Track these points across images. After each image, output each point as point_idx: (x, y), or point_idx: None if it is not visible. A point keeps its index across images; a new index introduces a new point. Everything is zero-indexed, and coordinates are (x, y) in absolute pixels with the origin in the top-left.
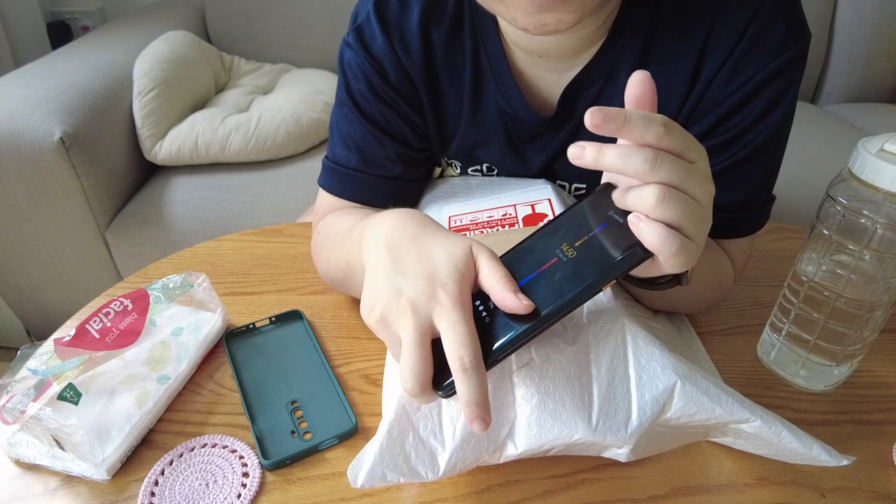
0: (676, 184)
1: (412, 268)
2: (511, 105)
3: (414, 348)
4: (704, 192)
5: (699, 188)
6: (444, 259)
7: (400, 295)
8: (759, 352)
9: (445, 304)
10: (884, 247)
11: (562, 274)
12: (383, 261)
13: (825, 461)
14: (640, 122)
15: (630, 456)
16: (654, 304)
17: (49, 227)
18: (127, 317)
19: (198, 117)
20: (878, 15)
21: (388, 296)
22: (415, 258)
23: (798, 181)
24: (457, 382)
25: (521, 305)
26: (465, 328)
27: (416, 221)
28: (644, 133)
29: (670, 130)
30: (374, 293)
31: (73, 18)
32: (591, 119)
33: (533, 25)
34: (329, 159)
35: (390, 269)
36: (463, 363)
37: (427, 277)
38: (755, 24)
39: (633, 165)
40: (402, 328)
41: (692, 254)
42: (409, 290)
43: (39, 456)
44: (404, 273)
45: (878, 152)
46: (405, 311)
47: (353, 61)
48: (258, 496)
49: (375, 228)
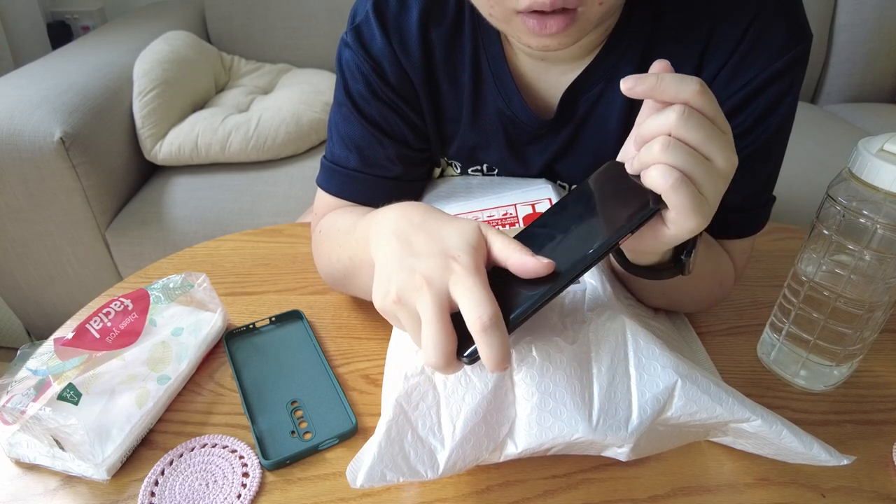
0: (699, 141)
1: (423, 248)
2: (511, 108)
3: (434, 321)
4: (726, 158)
5: (720, 152)
6: (455, 236)
7: (414, 273)
8: (759, 352)
9: (460, 273)
10: (884, 247)
11: (576, 237)
12: (393, 248)
13: (825, 461)
14: (675, 81)
15: (630, 455)
16: (654, 302)
17: (49, 227)
18: (127, 317)
19: (198, 117)
20: (878, 15)
21: (402, 276)
22: (425, 240)
23: (798, 181)
24: (479, 344)
25: (542, 265)
26: (481, 290)
27: (421, 210)
28: (679, 90)
29: (705, 91)
30: (387, 278)
31: (73, 18)
32: (625, 83)
33: (535, 46)
34: (328, 159)
35: (401, 254)
36: (483, 322)
37: (439, 254)
38: (756, 26)
39: (666, 116)
40: (420, 303)
41: (704, 211)
42: (422, 268)
43: (39, 456)
44: (416, 254)
45: (878, 152)
46: (421, 287)
47: (352, 61)
48: (258, 496)
49: (381, 221)
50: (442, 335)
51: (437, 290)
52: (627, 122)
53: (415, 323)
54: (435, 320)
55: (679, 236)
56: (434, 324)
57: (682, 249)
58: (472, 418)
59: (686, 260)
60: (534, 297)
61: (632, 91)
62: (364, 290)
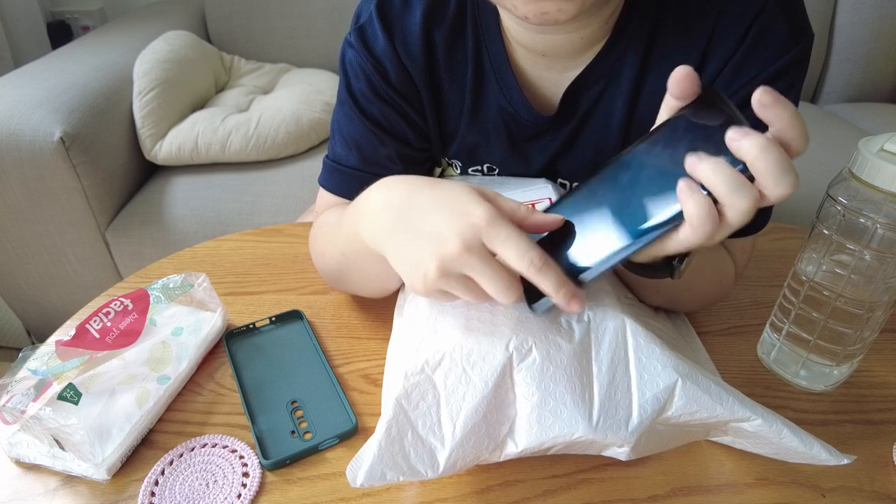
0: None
1: (431, 212)
2: (513, 105)
3: (492, 273)
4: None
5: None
6: (454, 194)
7: (440, 238)
8: (760, 352)
9: (486, 225)
10: (884, 247)
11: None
12: (398, 229)
13: (825, 460)
14: (798, 126)
15: (630, 455)
16: (652, 299)
17: (49, 227)
18: (127, 317)
19: (198, 117)
20: (878, 15)
21: (429, 249)
22: (428, 205)
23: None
24: (536, 282)
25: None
26: (516, 235)
27: (401, 182)
28: (794, 136)
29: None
30: (414, 259)
31: (73, 18)
32: (763, 97)
33: (533, 14)
34: (330, 158)
35: (412, 230)
36: (534, 264)
37: (451, 210)
38: (757, 25)
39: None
40: (467, 267)
41: (720, 238)
42: (444, 230)
43: (39, 456)
44: (427, 220)
45: (878, 152)
46: (456, 247)
47: (355, 61)
48: (258, 496)
49: (368, 207)
50: (507, 280)
51: (476, 246)
52: (629, 120)
53: (470, 284)
54: (492, 272)
55: (682, 249)
56: (494, 276)
57: (675, 255)
58: (472, 417)
59: (677, 266)
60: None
61: (765, 108)
62: (360, 286)
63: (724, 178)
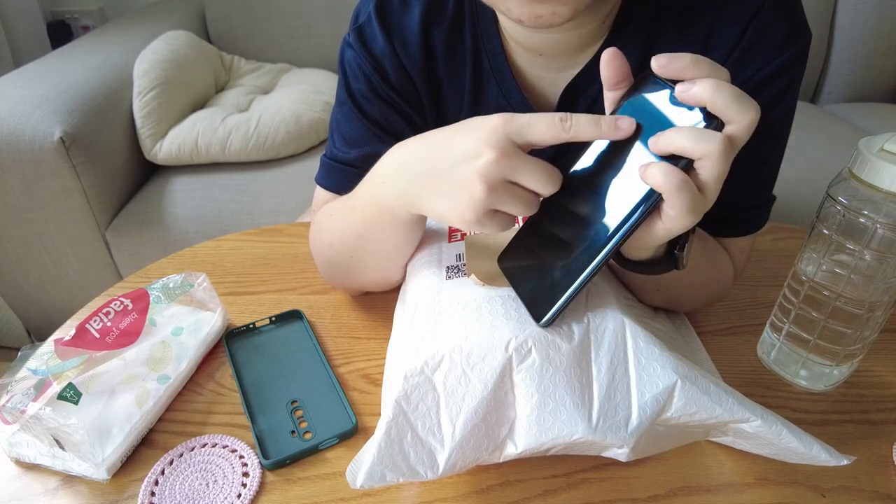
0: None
1: (452, 143)
2: (511, 104)
3: (527, 163)
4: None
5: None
6: (463, 121)
7: (473, 156)
8: (760, 352)
9: (504, 123)
10: (884, 246)
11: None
12: (429, 174)
13: (825, 461)
14: (708, 65)
15: (630, 455)
16: (651, 299)
17: (49, 227)
18: (127, 316)
19: (198, 117)
20: (878, 15)
21: (468, 169)
22: (446, 140)
23: (798, 181)
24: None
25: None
26: (535, 115)
27: (415, 139)
28: (712, 74)
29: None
30: (455, 189)
31: (73, 18)
32: (657, 60)
33: (527, 17)
34: (328, 157)
35: (444, 166)
36: (563, 119)
37: (469, 131)
38: (755, 24)
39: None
40: (505, 167)
41: (701, 210)
42: (473, 147)
43: (39, 456)
44: (453, 150)
45: (878, 152)
46: (492, 154)
47: (354, 61)
48: (258, 496)
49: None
50: (547, 168)
51: (508, 147)
52: None
53: (517, 195)
54: (532, 165)
55: (672, 232)
56: (534, 168)
57: (676, 244)
58: (471, 419)
59: (679, 254)
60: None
61: (664, 69)
62: (370, 269)
63: (687, 133)
